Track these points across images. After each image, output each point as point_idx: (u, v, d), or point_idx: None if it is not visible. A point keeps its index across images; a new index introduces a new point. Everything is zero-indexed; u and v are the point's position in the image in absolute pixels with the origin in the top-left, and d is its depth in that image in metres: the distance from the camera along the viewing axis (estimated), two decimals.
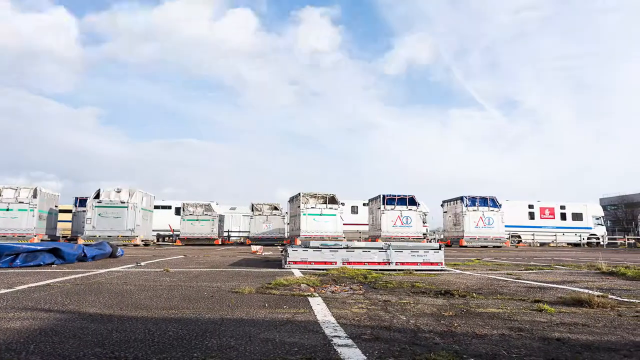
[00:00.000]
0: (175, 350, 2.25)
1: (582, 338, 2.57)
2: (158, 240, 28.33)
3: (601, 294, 4.32)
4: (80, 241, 19.59)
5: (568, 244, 30.18)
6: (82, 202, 26.47)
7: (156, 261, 9.39)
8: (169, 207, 32.19)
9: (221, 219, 28.03)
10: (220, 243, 26.19)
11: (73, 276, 6.00)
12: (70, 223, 27.73)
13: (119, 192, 22.70)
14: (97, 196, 22.44)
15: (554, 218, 30.70)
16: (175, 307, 3.57)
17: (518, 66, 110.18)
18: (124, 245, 19.68)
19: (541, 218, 30.46)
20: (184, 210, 26.41)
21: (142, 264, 8.48)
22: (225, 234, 30.06)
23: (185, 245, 24.14)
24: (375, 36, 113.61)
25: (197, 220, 26.09)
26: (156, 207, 28.11)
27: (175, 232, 28.01)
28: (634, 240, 33.82)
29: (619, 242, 34.74)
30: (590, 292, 4.49)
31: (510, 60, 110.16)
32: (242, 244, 27.73)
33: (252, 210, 26.82)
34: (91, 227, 21.95)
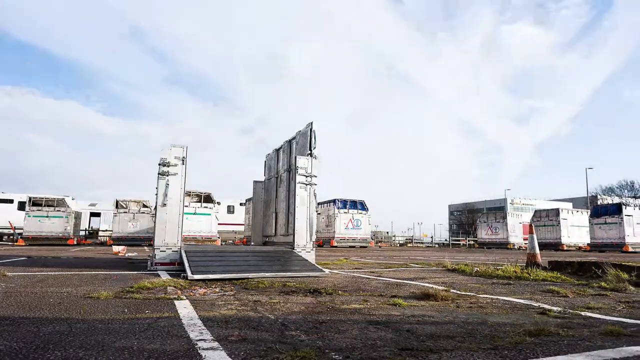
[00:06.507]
0: None
1: (427, 328, 2.91)
2: None
3: (445, 288, 4.95)
4: None
5: (422, 243, 33.96)
6: None
7: None
8: (11, 201, 27.72)
9: (77, 216, 25.05)
10: (75, 243, 23.41)
11: None
12: None
13: None
14: None
15: None
16: (11, 317, 3.07)
17: None
18: None
19: None
20: (29, 204, 22.97)
21: None
22: (83, 232, 26.98)
23: (31, 245, 21.00)
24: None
25: (47, 216, 22.92)
26: None
27: (17, 230, 24.17)
28: (473, 242, 39.55)
29: (462, 242, 40.29)
30: (437, 287, 5.11)
31: None
32: (103, 244, 25.16)
33: (117, 206, 24.49)
34: None
